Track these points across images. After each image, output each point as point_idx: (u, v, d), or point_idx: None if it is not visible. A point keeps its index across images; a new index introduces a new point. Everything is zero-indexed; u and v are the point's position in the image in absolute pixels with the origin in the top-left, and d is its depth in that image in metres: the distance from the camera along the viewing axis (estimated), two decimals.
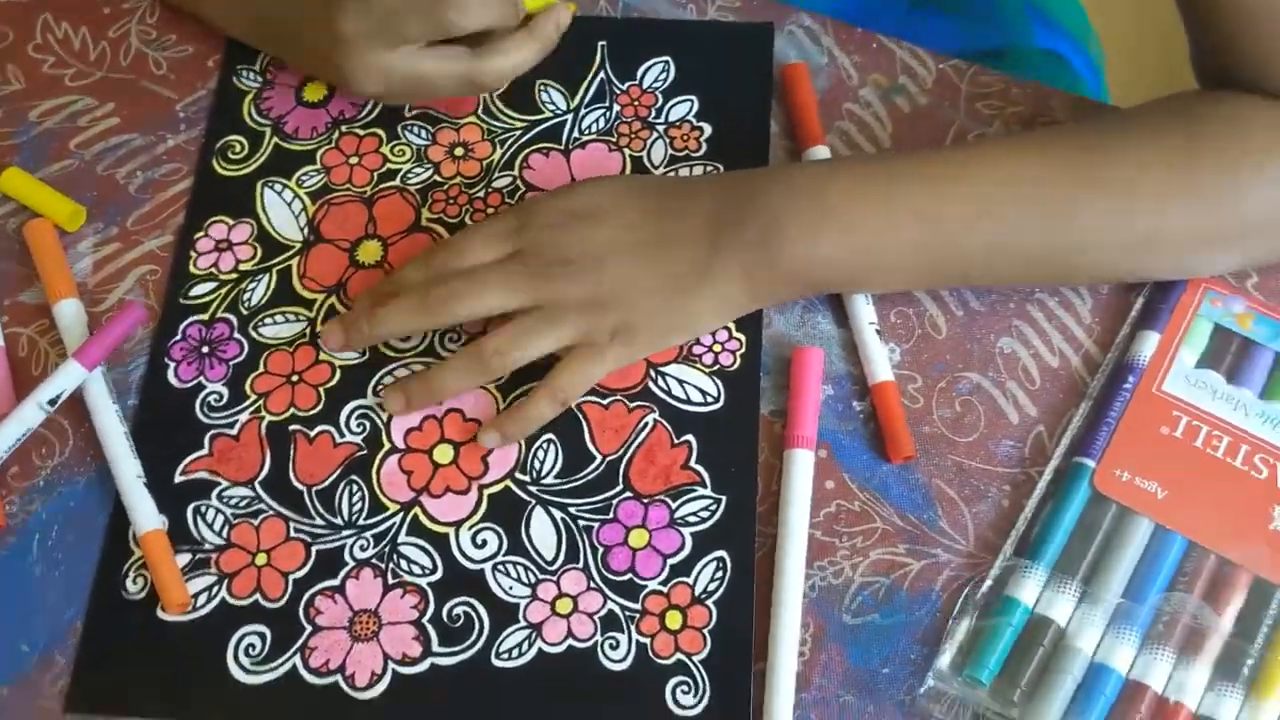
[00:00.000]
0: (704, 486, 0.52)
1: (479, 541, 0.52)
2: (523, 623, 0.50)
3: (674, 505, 0.52)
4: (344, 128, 0.60)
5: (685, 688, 0.49)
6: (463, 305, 0.52)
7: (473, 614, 0.50)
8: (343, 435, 0.54)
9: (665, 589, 0.51)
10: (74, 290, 0.57)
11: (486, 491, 0.53)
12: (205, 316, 0.56)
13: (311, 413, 0.54)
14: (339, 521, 0.52)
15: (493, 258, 0.53)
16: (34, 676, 0.50)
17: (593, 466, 0.53)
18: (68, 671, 0.50)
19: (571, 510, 0.52)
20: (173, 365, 0.55)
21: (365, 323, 0.53)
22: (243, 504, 0.52)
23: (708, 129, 0.60)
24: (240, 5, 0.60)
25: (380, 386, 0.55)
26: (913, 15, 0.73)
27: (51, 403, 0.53)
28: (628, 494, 0.52)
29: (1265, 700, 0.47)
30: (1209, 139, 0.52)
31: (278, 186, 0.59)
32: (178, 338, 0.56)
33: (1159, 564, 0.50)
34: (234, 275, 0.57)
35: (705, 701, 0.48)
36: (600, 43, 0.62)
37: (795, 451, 0.52)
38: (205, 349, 0.56)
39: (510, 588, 0.51)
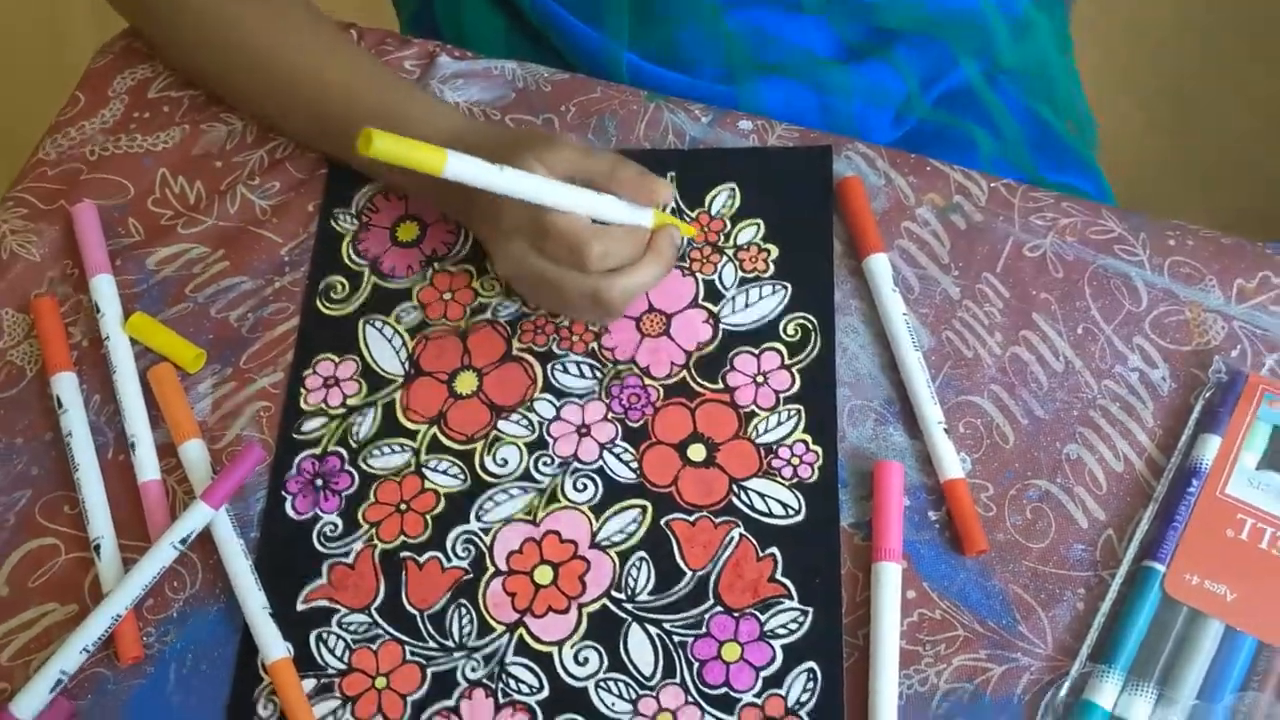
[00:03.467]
0: (791, 599, 0.56)
1: (581, 659, 0.55)
2: None
3: (763, 618, 0.55)
4: (436, 265, 0.65)
5: None
6: None
7: None
8: (450, 560, 0.58)
9: (760, 701, 0.54)
10: (197, 431, 0.61)
11: (585, 610, 0.56)
12: (318, 450, 0.61)
13: (420, 540, 0.58)
14: (450, 644, 0.56)
15: None
16: None
17: (684, 582, 0.56)
18: None
19: (666, 626, 0.56)
20: (290, 498, 0.60)
21: None
22: (361, 629, 0.56)
23: (774, 250, 0.64)
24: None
25: (483, 511, 0.59)
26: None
27: (183, 541, 0.57)
28: (718, 608, 0.56)
29: None
30: None
31: (378, 323, 0.64)
32: (293, 472, 0.60)
33: (1231, 664, 0.52)
34: (342, 410, 0.62)
35: None
36: (670, 173, 0.66)
37: (883, 565, 0.55)
38: (319, 482, 0.60)
39: (613, 704, 0.54)
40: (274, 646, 0.56)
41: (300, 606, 0.57)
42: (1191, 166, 1.37)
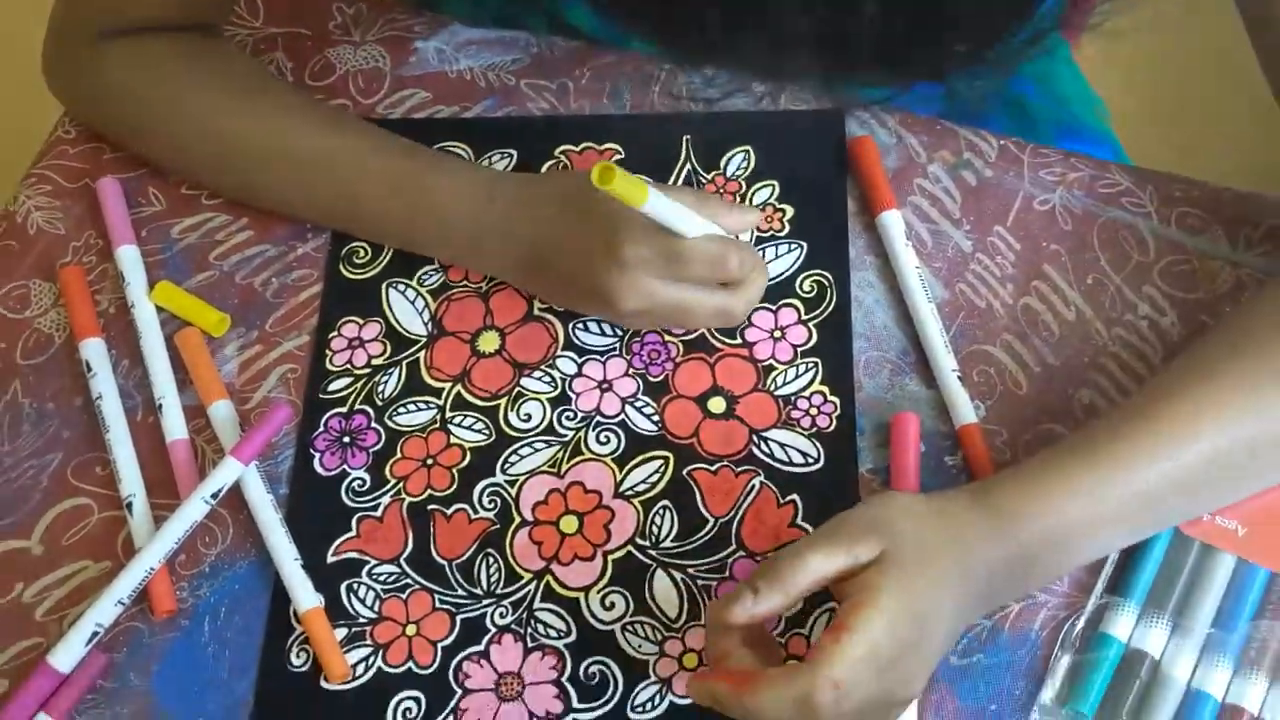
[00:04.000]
0: None
1: (607, 604, 0.56)
2: (653, 678, 0.55)
3: None
4: None
5: None
6: None
7: (607, 672, 0.55)
8: (476, 512, 0.59)
9: (783, 640, 0.55)
10: (224, 392, 0.62)
11: (611, 557, 0.57)
12: (344, 409, 0.62)
13: (447, 493, 0.59)
14: (479, 591, 0.57)
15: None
16: None
17: (707, 529, 0.58)
18: None
19: (690, 570, 0.57)
20: (318, 455, 0.61)
21: None
22: (391, 580, 0.58)
23: (789, 210, 0.65)
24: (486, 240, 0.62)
25: (508, 465, 0.60)
26: None
27: (214, 496, 0.58)
28: (741, 553, 0.57)
29: None
30: None
31: (401, 286, 0.65)
32: (320, 430, 0.61)
33: (1244, 595, 0.53)
34: (367, 370, 0.63)
35: None
36: (685, 137, 0.67)
37: None
38: (346, 439, 0.61)
39: (639, 645, 0.55)
40: (307, 597, 0.57)
41: (330, 559, 0.58)
42: (1188, 153, 1.38)
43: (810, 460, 0.59)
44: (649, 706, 0.54)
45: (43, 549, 0.60)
